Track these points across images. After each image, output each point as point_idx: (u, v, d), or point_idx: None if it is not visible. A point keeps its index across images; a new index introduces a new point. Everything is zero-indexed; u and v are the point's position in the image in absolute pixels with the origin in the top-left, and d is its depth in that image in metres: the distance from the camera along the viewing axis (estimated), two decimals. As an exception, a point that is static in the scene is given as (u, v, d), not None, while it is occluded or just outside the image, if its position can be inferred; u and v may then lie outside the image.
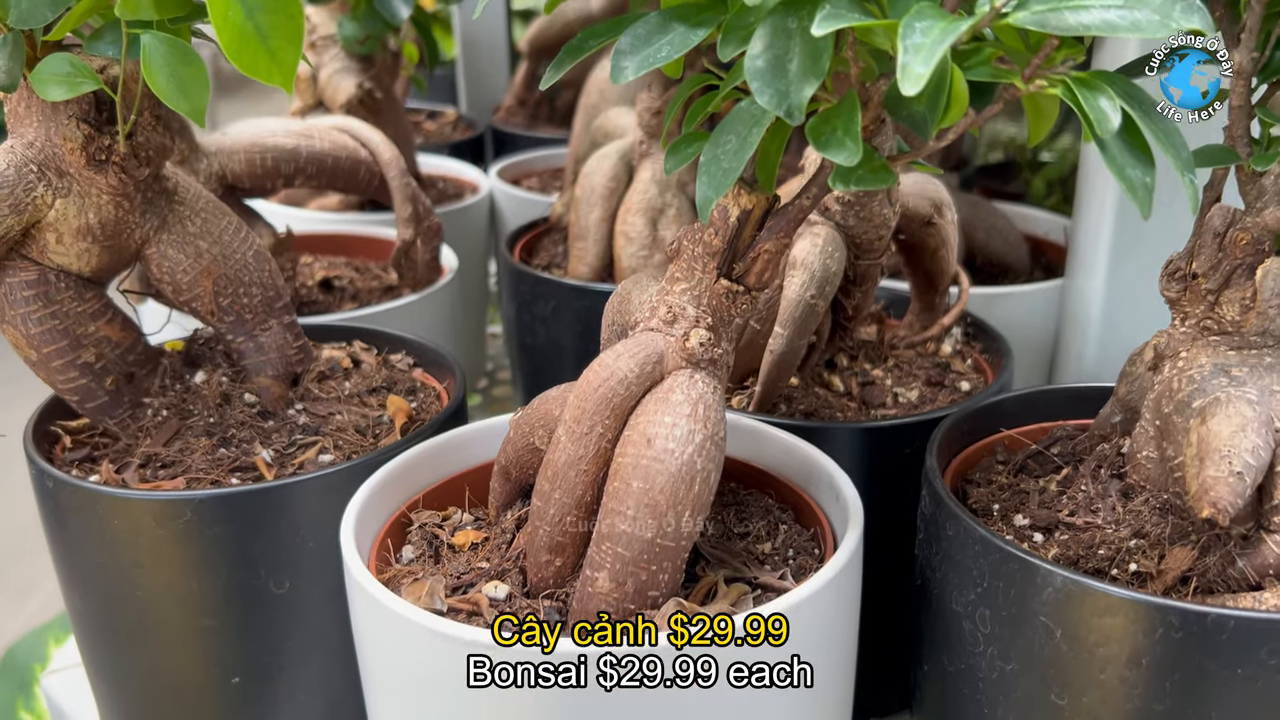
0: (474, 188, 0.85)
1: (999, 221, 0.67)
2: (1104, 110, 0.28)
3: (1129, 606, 0.33)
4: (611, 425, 0.35)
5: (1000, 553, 0.36)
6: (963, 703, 0.39)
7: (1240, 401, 0.35)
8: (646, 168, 0.63)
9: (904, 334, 0.54)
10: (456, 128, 1.06)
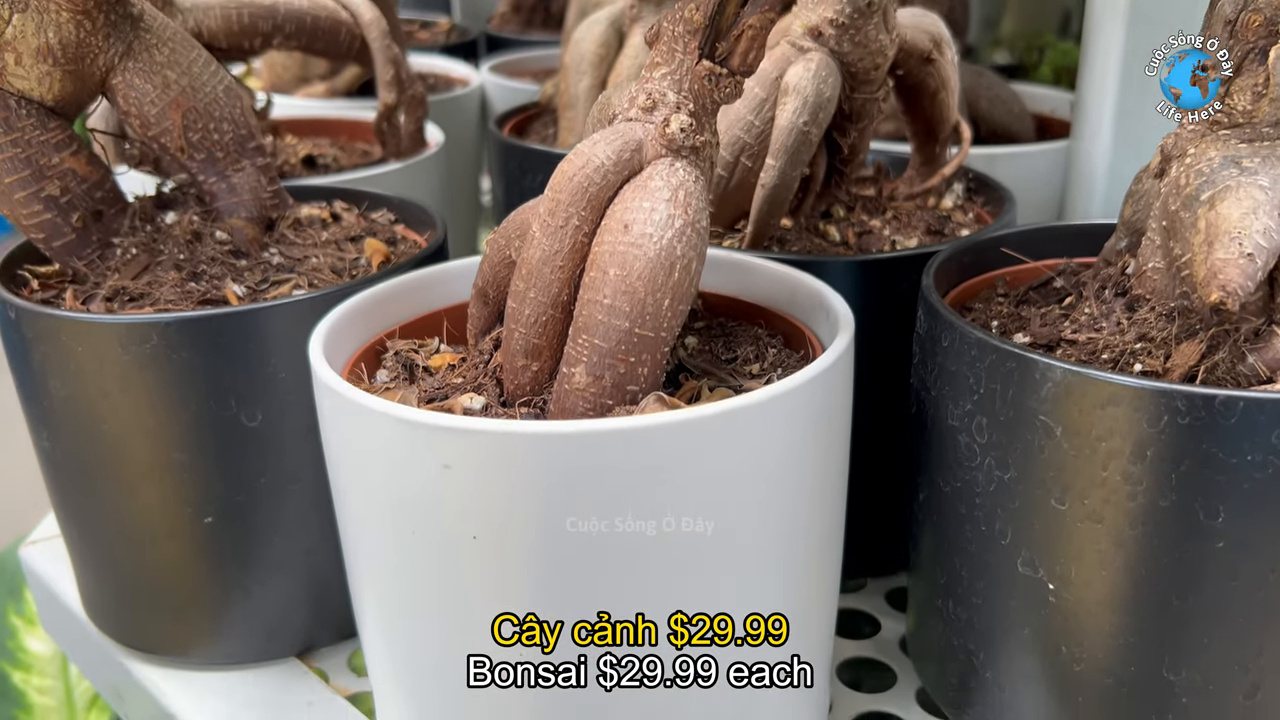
0: (465, 82, 0.83)
1: (1003, 92, 0.65)
2: None
3: (1133, 394, 0.31)
4: (588, 217, 0.33)
5: (997, 352, 0.34)
6: (959, 523, 0.37)
7: (1251, 186, 0.33)
8: (637, 32, 0.61)
9: (903, 189, 0.53)
10: (450, 35, 1.03)
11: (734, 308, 0.43)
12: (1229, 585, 0.32)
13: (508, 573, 0.32)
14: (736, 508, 0.32)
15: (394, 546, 0.33)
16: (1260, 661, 0.33)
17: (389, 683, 0.37)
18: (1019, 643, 0.36)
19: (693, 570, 0.32)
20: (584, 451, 0.30)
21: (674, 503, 0.31)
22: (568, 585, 0.31)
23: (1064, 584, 0.34)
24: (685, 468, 0.31)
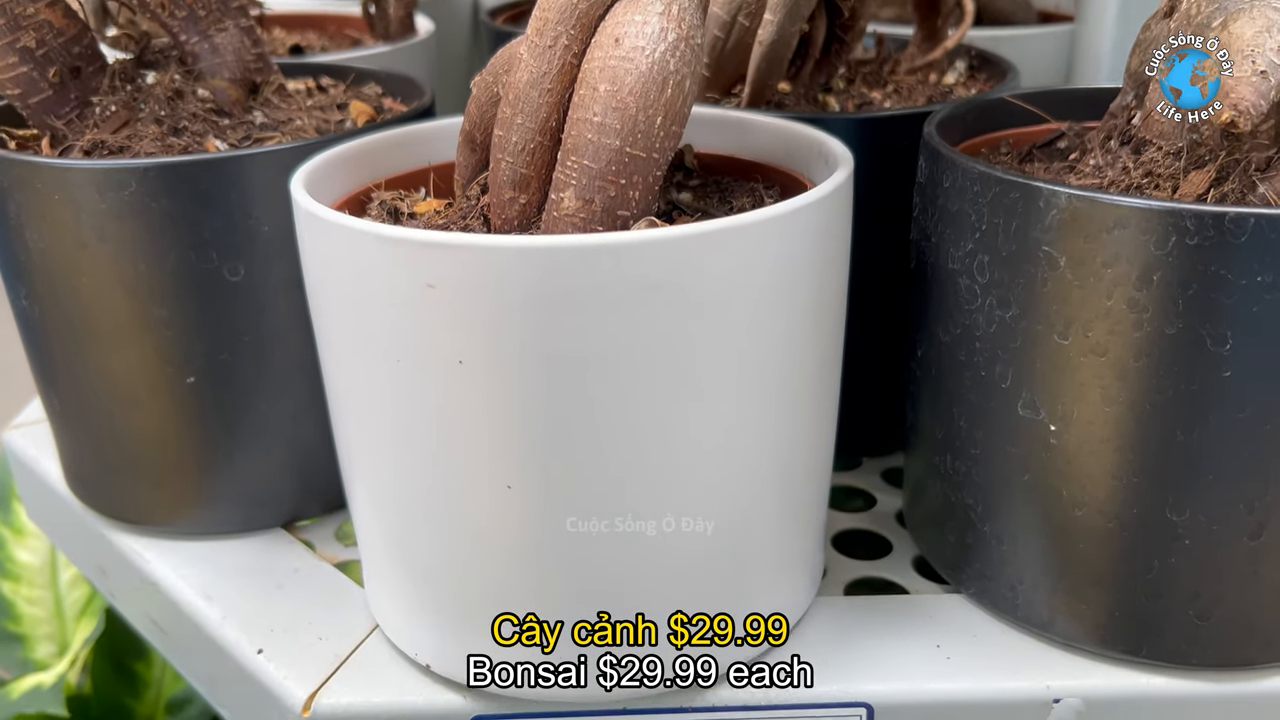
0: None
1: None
2: None
3: (1140, 215, 0.30)
4: (578, 36, 0.32)
5: (1000, 183, 0.33)
6: (958, 372, 0.36)
7: (1265, 7, 0.32)
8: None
9: (905, 64, 0.51)
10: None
11: (730, 165, 0.42)
12: (1236, 418, 0.31)
13: (495, 399, 0.31)
14: (730, 332, 0.31)
15: (377, 377, 0.32)
16: (1266, 499, 0.32)
17: (375, 527, 0.36)
18: (1018, 491, 0.36)
19: (688, 394, 0.31)
20: (573, 267, 0.29)
21: (666, 324, 0.30)
22: (555, 411, 0.31)
23: (1065, 424, 0.34)
24: (680, 287, 0.30)
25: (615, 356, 0.30)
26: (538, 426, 0.31)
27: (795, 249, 0.32)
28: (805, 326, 0.33)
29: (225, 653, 0.40)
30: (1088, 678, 0.36)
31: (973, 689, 0.36)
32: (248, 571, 0.43)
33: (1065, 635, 0.37)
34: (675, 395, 0.31)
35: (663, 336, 0.30)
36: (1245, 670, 0.36)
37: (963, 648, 0.37)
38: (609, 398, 0.31)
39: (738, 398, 0.32)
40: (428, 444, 0.32)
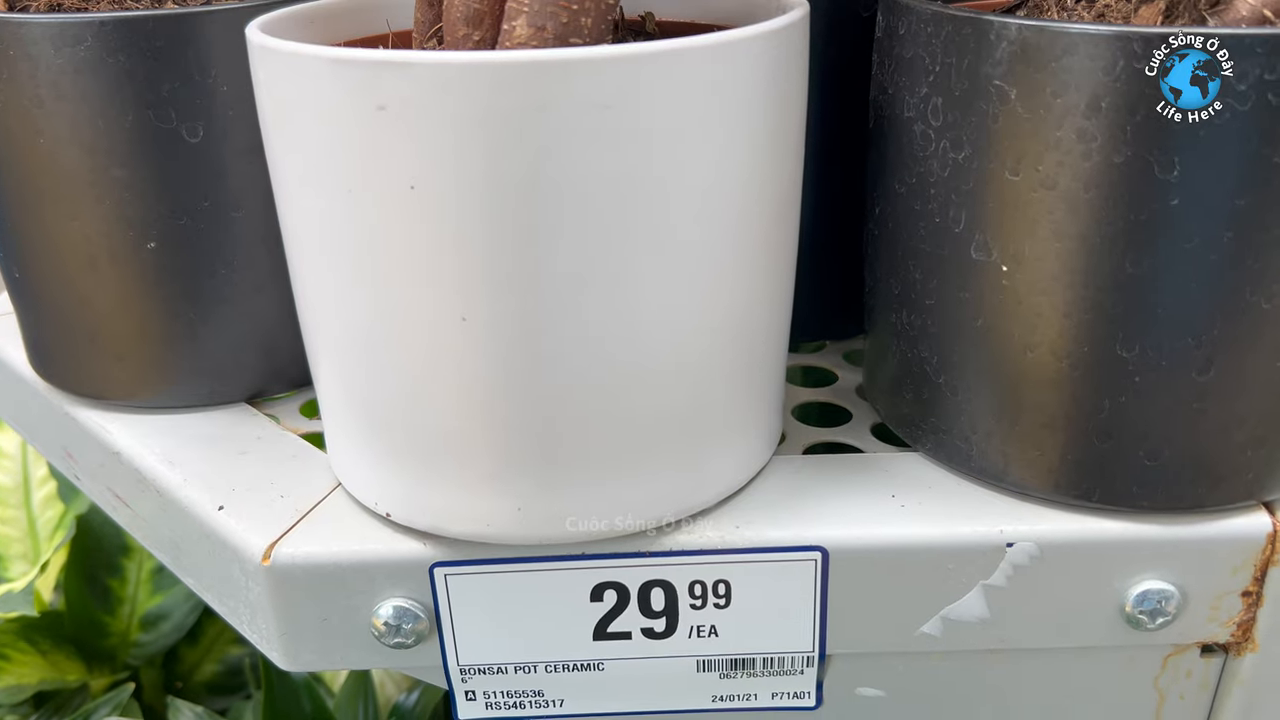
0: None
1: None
2: None
3: (1088, 41, 0.31)
4: None
5: (953, 21, 0.33)
6: (914, 222, 0.37)
7: None
8: None
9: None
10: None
11: (692, 30, 0.41)
12: (1183, 248, 0.32)
13: (448, 226, 0.31)
14: (683, 161, 0.31)
15: (330, 211, 0.32)
16: (1213, 333, 0.33)
17: (332, 375, 0.36)
18: (972, 338, 0.36)
19: (638, 226, 0.31)
20: (521, 82, 0.29)
21: (618, 148, 0.30)
22: (508, 238, 0.31)
23: (1017, 263, 0.34)
24: (631, 110, 0.30)
25: (567, 182, 0.30)
26: (491, 255, 0.31)
27: (746, 78, 0.32)
28: (761, 165, 0.34)
29: (187, 513, 0.40)
30: (1041, 523, 0.36)
31: (927, 534, 0.36)
32: (211, 440, 0.43)
33: (1019, 483, 0.37)
34: (629, 226, 0.31)
35: (615, 161, 0.30)
36: (1195, 513, 0.36)
37: (917, 497, 0.38)
38: (561, 225, 0.31)
39: (693, 233, 0.32)
40: (381, 278, 0.32)
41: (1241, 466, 0.35)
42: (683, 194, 0.32)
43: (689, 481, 0.36)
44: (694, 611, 0.37)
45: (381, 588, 0.37)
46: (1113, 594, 0.37)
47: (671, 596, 0.37)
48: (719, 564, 0.36)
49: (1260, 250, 0.32)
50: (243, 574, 0.38)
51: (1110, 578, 0.36)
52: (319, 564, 0.37)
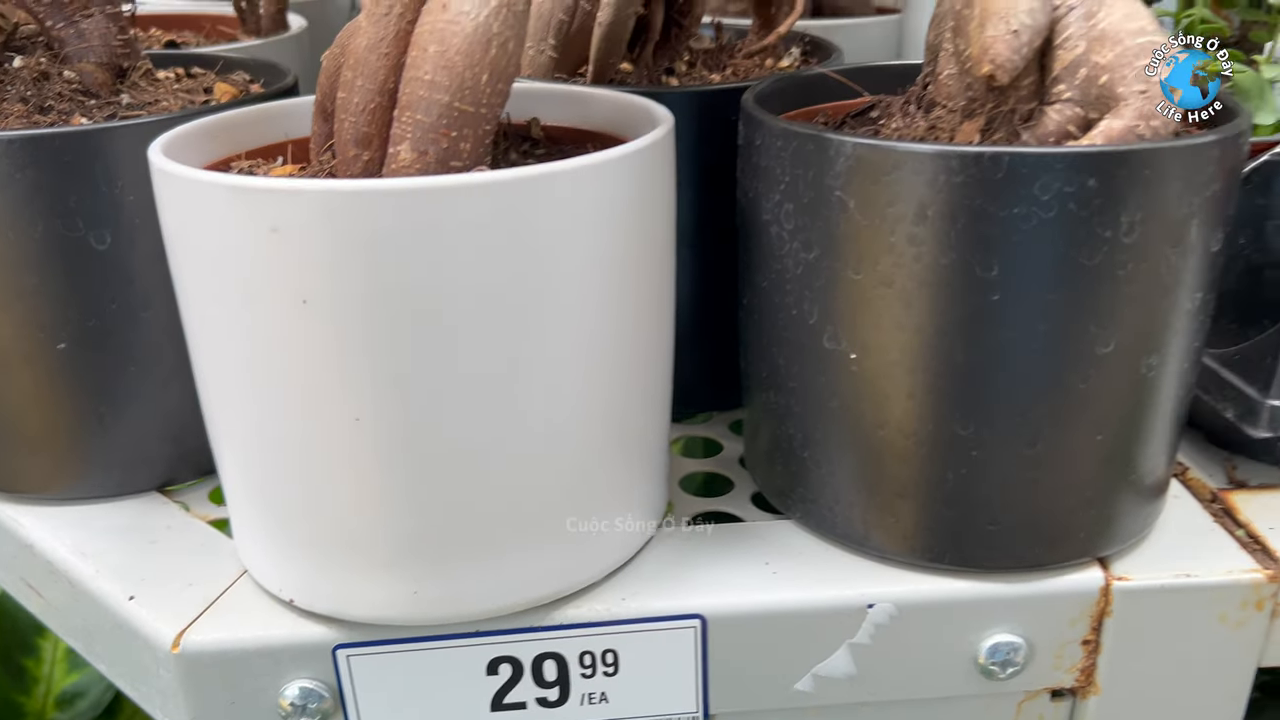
0: (337, -11, 0.84)
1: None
2: None
3: (913, 158, 0.34)
4: (411, 4, 0.35)
5: (799, 138, 0.37)
6: (774, 314, 0.40)
7: (1020, -23, 0.37)
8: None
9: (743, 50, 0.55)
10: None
11: (574, 135, 0.45)
12: (1005, 337, 0.36)
13: (338, 336, 0.33)
14: (556, 274, 0.34)
15: (230, 321, 0.35)
16: (1037, 411, 0.37)
17: (236, 470, 0.38)
18: (829, 417, 0.39)
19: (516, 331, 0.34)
20: (400, 208, 0.32)
21: (493, 265, 0.33)
22: (395, 347, 0.33)
23: (864, 352, 0.37)
24: (509, 227, 0.33)
25: (448, 294, 0.33)
26: (380, 361, 0.34)
27: (612, 195, 0.35)
28: (631, 266, 0.37)
29: (98, 603, 0.41)
30: (899, 585, 0.40)
31: (796, 599, 0.39)
32: (121, 530, 0.44)
33: (879, 548, 0.40)
34: (509, 330, 0.34)
35: (492, 274, 0.33)
36: (1036, 570, 0.40)
37: (789, 564, 0.41)
38: (445, 333, 0.33)
39: (570, 334, 0.35)
40: (278, 382, 0.35)
41: (1074, 528, 0.39)
42: (558, 299, 0.35)
43: (575, 559, 0.39)
44: (585, 680, 0.40)
45: (287, 670, 0.39)
46: (966, 647, 0.40)
47: (563, 667, 0.40)
48: (606, 635, 0.39)
49: (1071, 339, 0.35)
50: (154, 661, 0.40)
51: (963, 633, 0.40)
52: (226, 650, 0.38)
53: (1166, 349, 0.37)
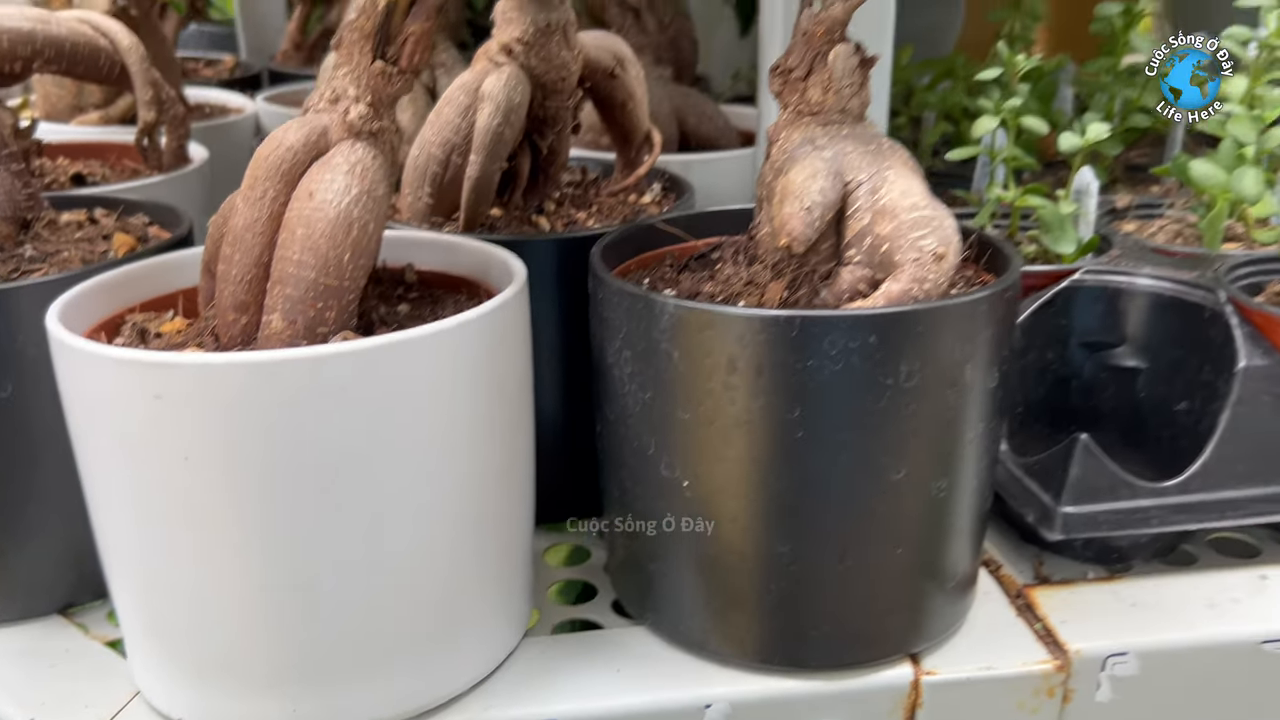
0: (240, 110, 0.88)
1: (709, 109, 0.75)
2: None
3: (721, 319, 0.40)
4: (282, 189, 0.40)
5: (632, 296, 0.42)
6: (619, 444, 0.45)
7: (814, 158, 0.43)
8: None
9: (607, 188, 0.61)
10: (234, 71, 1.08)
11: (444, 281, 0.50)
12: (812, 469, 0.41)
13: (217, 487, 0.37)
14: (421, 420, 0.39)
15: (121, 472, 0.39)
16: (844, 532, 0.42)
17: (128, 600, 0.42)
18: (670, 535, 0.44)
19: (379, 483, 0.39)
20: (270, 377, 0.36)
21: (359, 419, 0.38)
22: (268, 495, 0.38)
23: (695, 480, 0.43)
24: (370, 389, 0.37)
25: (316, 449, 0.37)
26: (257, 507, 0.38)
27: (464, 356, 0.40)
28: (488, 408, 0.41)
29: (-1, 728, 0.45)
30: (734, 685, 0.44)
31: (641, 701, 0.44)
32: (22, 655, 0.48)
33: (717, 652, 0.45)
34: (375, 474, 0.39)
35: (355, 429, 0.38)
36: (854, 669, 0.45)
37: (636, 669, 0.45)
38: (314, 482, 0.38)
39: (431, 486, 0.40)
40: (164, 525, 0.39)
41: (886, 629, 0.44)
42: (417, 451, 0.39)
43: (443, 674, 0.43)
44: (453, 783, 0.44)
45: (177, 785, 0.42)
46: (797, 740, 0.45)
47: (432, 772, 0.44)
48: (471, 741, 0.43)
49: (867, 469, 0.41)
50: (51, 782, 0.43)
51: (793, 726, 0.45)
52: (119, 769, 0.42)
53: (953, 473, 0.43)
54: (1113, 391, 0.58)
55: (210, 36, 1.20)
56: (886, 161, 0.43)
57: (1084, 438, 0.49)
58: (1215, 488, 0.50)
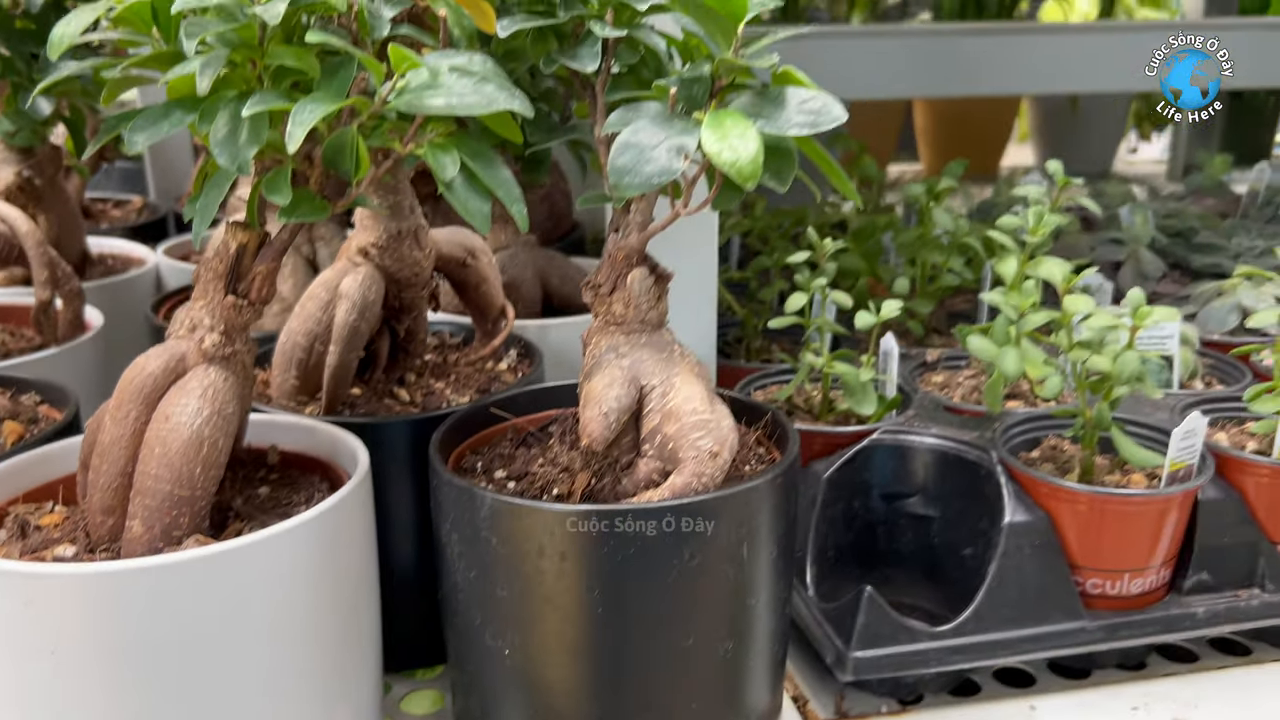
0: (142, 262, 0.94)
1: (570, 270, 0.82)
2: (444, 163, 0.42)
3: (529, 511, 0.46)
4: (144, 410, 0.46)
5: (458, 489, 0.49)
6: (453, 614, 0.51)
7: (613, 366, 0.50)
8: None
9: (465, 358, 0.68)
10: (141, 213, 1.14)
11: (304, 462, 0.56)
12: (612, 637, 0.47)
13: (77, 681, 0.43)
14: (267, 616, 0.45)
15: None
16: (643, 689, 0.48)
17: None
18: (496, 695, 0.50)
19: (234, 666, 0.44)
20: (130, 584, 0.42)
21: (211, 613, 0.43)
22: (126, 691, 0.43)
23: (514, 649, 0.49)
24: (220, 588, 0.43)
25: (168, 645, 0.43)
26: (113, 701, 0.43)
27: (303, 552, 0.46)
28: (330, 589, 0.47)
29: None
30: (556, 827, 0.50)
31: (473, 846, 0.49)
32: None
33: (542, 797, 0.51)
34: (226, 666, 0.44)
35: (208, 623, 0.43)
36: (663, 808, 0.51)
37: (470, 816, 0.51)
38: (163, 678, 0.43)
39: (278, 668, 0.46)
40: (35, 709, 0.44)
41: (689, 772, 0.51)
42: (267, 633, 0.45)
43: (291, 828, 0.48)
44: None
45: None
46: None
47: None
48: None
49: (661, 637, 0.47)
50: None
51: None
52: None
53: (739, 635, 0.49)
54: (911, 537, 0.65)
55: (121, 173, 1.26)
56: (676, 369, 0.50)
57: (869, 590, 0.57)
58: (986, 630, 0.57)
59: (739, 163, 0.41)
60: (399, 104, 0.42)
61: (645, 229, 0.50)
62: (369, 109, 0.43)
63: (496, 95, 0.43)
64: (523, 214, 0.44)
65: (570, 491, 0.50)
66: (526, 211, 0.45)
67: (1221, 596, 0.61)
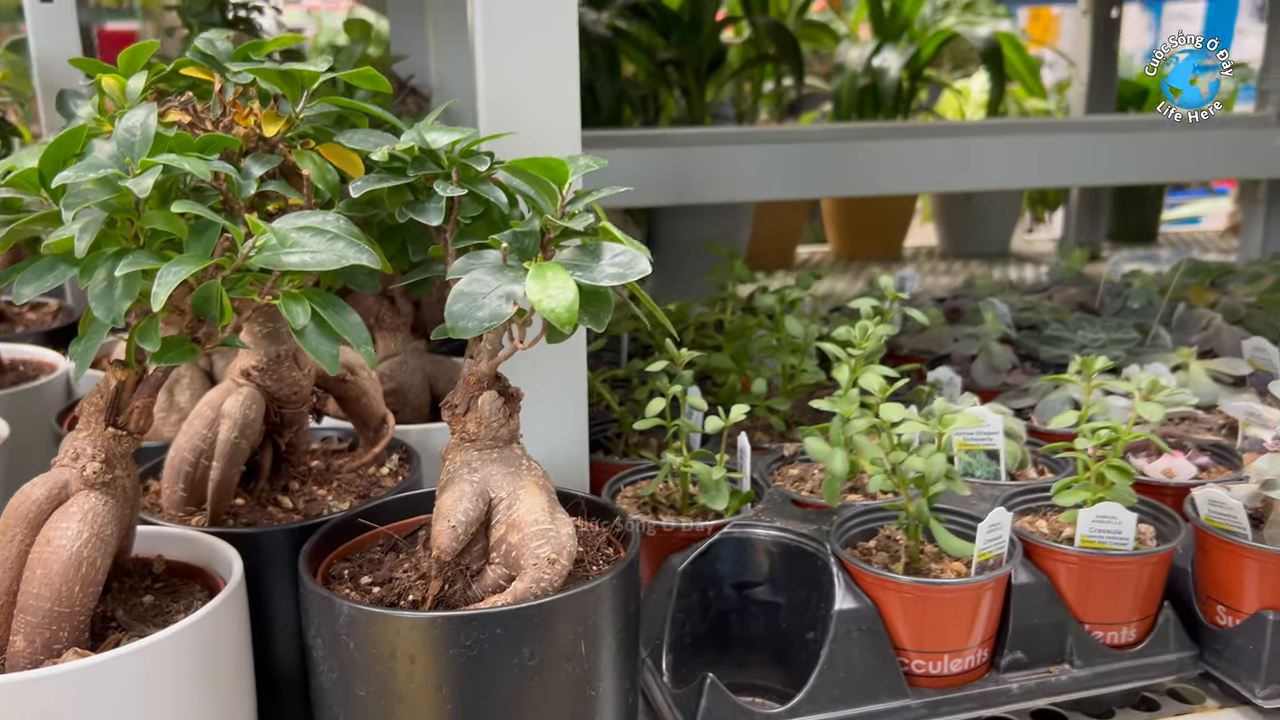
0: (53, 368, 0.98)
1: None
2: (296, 313, 0.48)
3: (380, 618, 0.52)
4: (28, 534, 0.51)
5: (320, 598, 0.54)
6: (321, 709, 0.56)
7: (463, 480, 0.55)
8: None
9: (349, 464, 0.73)
10: (57, 316, 1.18)
11: (187, 570, 0.61)
12: (461, 731, 0.52)
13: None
14: (132, 718, 0.49)
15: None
16: (491, 778, 0.53)
17: None
18: (360, 788, 0.55)
19: (99, 765, 0.49)
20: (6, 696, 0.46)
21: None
22: (7, 786, 0.47)
23: (373, 743, 0.54)
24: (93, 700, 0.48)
25: (52, 742, 0.47)
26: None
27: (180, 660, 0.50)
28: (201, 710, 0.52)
29: None
30: None
31: None
32: None
33: None
34: (98, 761, 0.48)
35: None
36: None
37: None
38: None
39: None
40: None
41: None
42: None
43: None
44: None
45: None
46: None
47: None
48: None
49: (504, 729, 0.53)
50: None
51: None
52: None
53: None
54: (762, 623, 0.71)
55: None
56: (522, 482, 0.56)
57: (710, 676, 0.62)
58: (819, 710, 0.63)
59: (557, 310, 0.48)
60: (258, 260, 0.48)
61: (494, 356, 0.56)
62: (232, 264, 0.48)
63: (346, 251, 0.49)
64: (371, 354, 0.50)
65: (424, 598, 0.55)
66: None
67: (1035, 672, 0.67)
